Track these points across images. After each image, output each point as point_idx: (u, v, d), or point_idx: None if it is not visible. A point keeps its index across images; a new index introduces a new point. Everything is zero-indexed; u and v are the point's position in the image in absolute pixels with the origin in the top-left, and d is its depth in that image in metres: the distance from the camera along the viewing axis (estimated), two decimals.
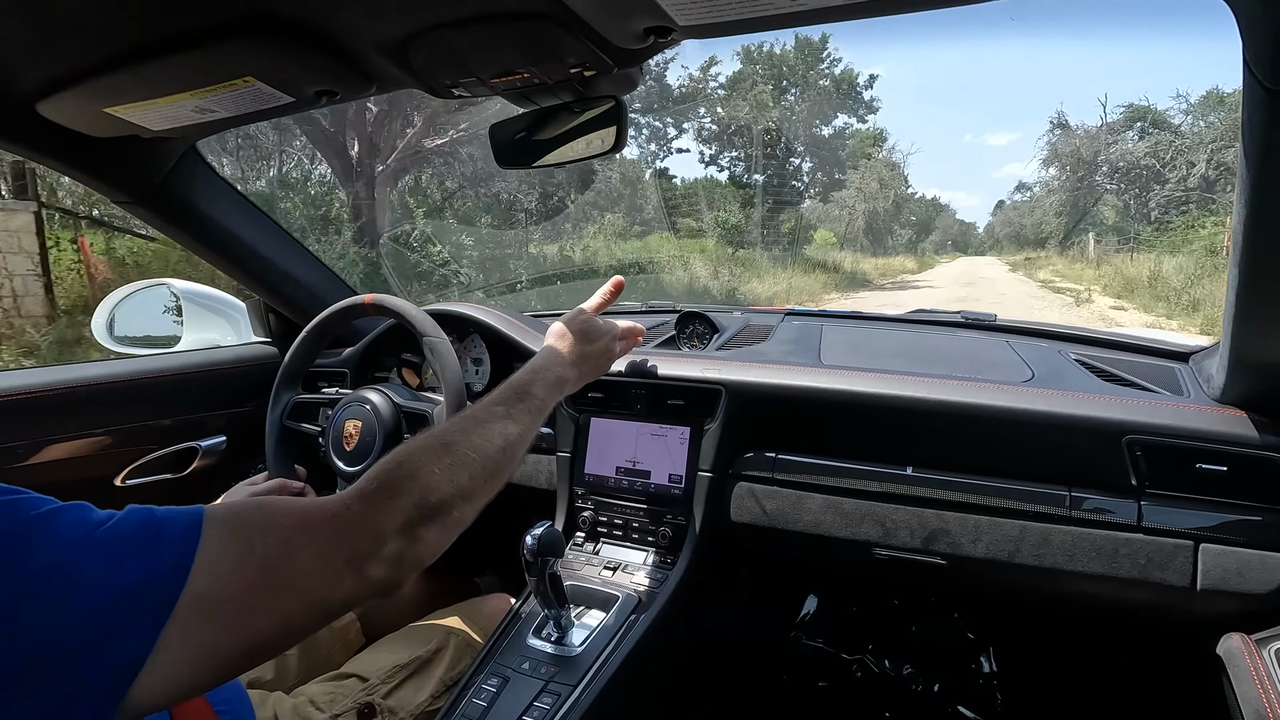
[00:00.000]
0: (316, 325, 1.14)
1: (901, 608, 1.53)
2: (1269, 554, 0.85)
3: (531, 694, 0.85)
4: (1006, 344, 1.26)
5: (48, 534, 0.42)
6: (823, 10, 0.62)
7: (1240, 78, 0.57)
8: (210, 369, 1.41)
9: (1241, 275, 0.71)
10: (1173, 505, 0.90)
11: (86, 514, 0.45)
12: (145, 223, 1.22)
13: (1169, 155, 18.06)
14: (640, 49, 0.71)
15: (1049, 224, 28.37)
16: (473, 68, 0.76)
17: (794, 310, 1.55)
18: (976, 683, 1.46)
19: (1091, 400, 0.94)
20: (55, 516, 0.43)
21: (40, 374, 1.20)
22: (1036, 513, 0.94)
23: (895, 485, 1.01)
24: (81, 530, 0.43)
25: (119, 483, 1.27)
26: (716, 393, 1.09)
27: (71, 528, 0.43)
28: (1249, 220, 0.65)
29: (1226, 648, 0.84)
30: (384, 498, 0.56)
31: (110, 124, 0.90)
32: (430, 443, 0.64)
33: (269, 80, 0.78)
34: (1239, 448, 0.86)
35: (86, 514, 0.45)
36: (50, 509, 0.44)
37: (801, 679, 1.51)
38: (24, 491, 0.44)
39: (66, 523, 0.43)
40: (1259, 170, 0.61)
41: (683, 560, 1.06)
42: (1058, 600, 1.01)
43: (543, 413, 0.80)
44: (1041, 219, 29.97)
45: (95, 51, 0.75)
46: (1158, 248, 16.28)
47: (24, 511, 0.42)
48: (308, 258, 1.44)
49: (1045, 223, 29.16)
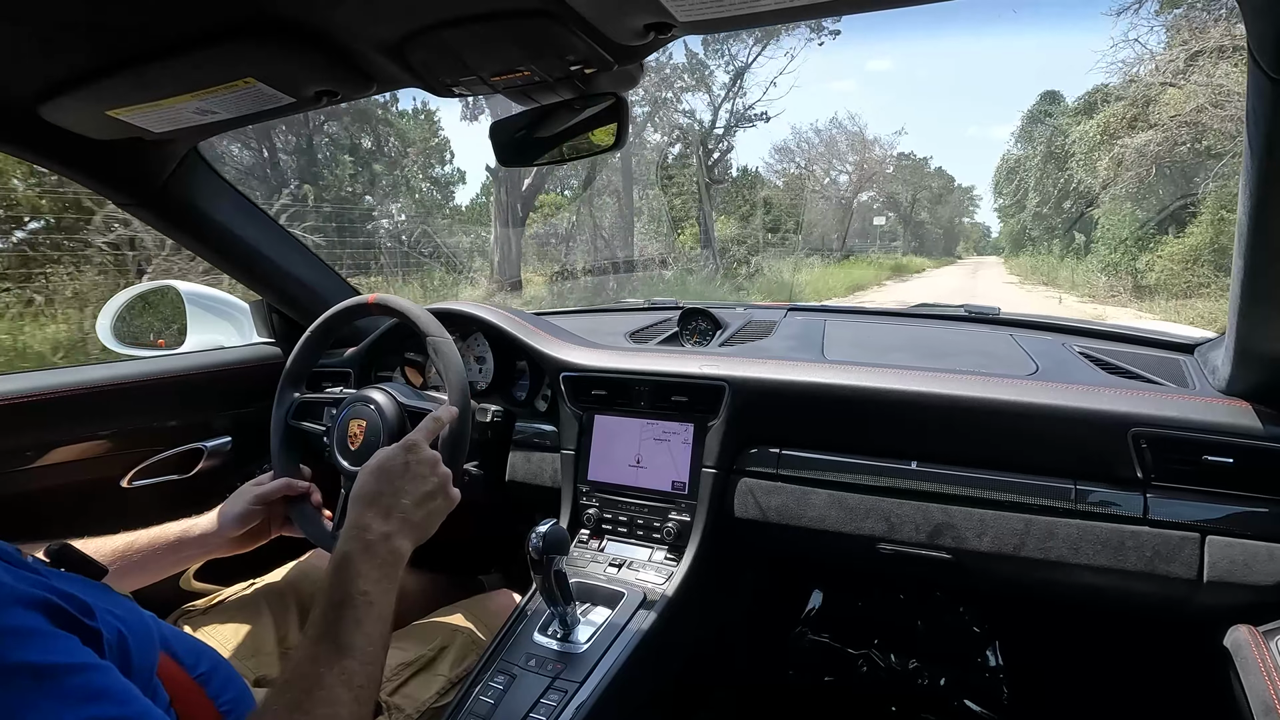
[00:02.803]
0: (321, 325, 1.14)
1: (907, 602, 1.53)
2: (1276, 545, 0.84)
3: (538, 691, 0.85)
4: (1010, 337, 1.26)
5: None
6: (819, 5, 0.62)
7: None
8: (214, 370, 1.41)
9: (1246, 266, 0.71)
10: (1179, 497, 0.89)
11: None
12: (148, 225, 1.22)
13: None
14: (640, 45, 0.71)
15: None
16: (473, 66, 0.76)
17: (797, 306, 1.55)
18: (983, 676, 1.46)
19: (1096, 393, 0.94)
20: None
21: (47, 376, 1.21)
22: (1042, 506, 0.94)
23: (900, 480, 1.01)
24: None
25: (125, 484, 1.27)
26: (720, 389, 1.09)
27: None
28: (1254, 211, 0.65)
29: (1233, 639, 0.84)
30: None
31: (112, 126, 0.90)
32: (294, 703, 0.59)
33: (269, 81, 0.78)
34: (1245, 439, 0.86)
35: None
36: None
37: (807, 674, 1.51)
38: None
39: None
40: (1263, 160, 0.60)
41: (688, 557, 1.06)
42: (1064, 593, 1.01)
43: (384, 595, 0.69)
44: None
45: (97, 54, 0.75)
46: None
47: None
48: (310, 258, 1.44)
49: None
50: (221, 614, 1.03)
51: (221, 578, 1.21)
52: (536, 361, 1.25)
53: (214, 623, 1.01)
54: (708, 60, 14.22)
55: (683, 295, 7.50)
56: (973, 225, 62.05)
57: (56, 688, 0.44)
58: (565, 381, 1.20)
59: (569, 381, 1.19)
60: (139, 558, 0.92)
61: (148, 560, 0.92)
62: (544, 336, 1.26)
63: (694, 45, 14.47)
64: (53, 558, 0.62)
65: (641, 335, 1.43)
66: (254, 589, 1.10)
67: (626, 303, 1.87)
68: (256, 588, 1.11)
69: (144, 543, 0.93)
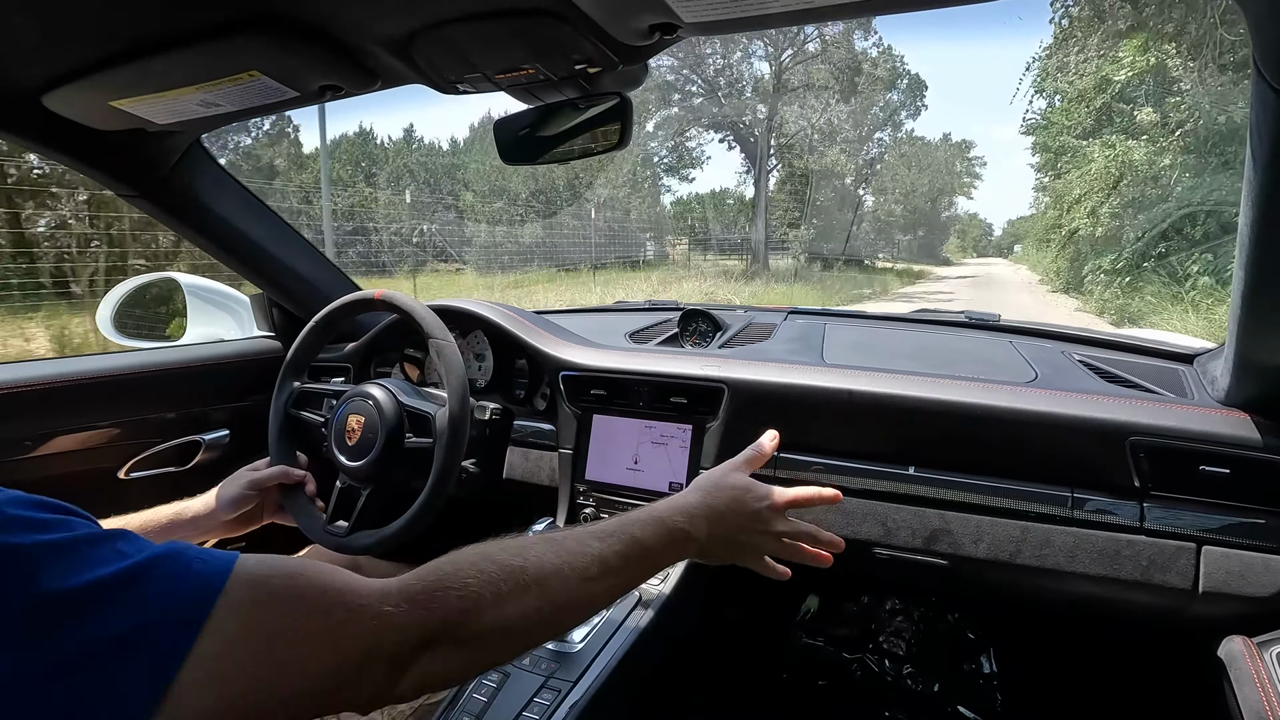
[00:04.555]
0: (325, 316, 1.14)
1: (902, 607, 1.53)
2: (1271, 556, 0.85)
3: (531, 690, 0.85)
4: (1010, 344, 1.26)
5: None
6: (827, 8, 0.62)
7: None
8: (214, 363, 1.41)
9: (1248, 277, 0.71)
10: (1175, 507, 0.89)
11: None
12: (150, 216, 1.22)
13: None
14: (645, 46, 0.71)
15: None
16: (478, 63, 0.76)
17: (797, 309, 1.55)
18: (976, 683, 1.45)
19: (1095, 401, 0.94)
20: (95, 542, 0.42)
21: (46, 366, 1.21)
22: (1038, 513, 0.94)
23: (897, 485, 1.01)
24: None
25: (123, 475, 1.27)
26: (719, 391, 1.09)
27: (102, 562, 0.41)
28: (1256, 222, 0.65)
29: (1228, 650, 0.84)
30: (422, 602, 0.51)
31: (115, 117, 0.90)
32: (493, 556, 0.57)
33: (274, 75, 0.78)
34: (1242, 450, 0.86)
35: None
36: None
37: (801, 678, 1.51)
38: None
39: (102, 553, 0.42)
40: (1266, 173, 0.60)
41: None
42: (1059, 601, 1.01)
43: (644, 563, 0.67)
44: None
45: (101, 45, 0.75)
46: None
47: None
48: (312, 252, 1.44)
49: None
50: None
51: None
52: (536, 360, 1.25)
53: None
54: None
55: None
56: (970, 218, 51.55)
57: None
58: (564, 380, 1.20)
59: (568, 381, 1.19)
60: None
61: None
62: (544, 335, 1.26)
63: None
64: None
65: (641, 336, 1.43)
66: None
67: (627, 303, 1.87)
68: None
69: (136, 525, 0.92)
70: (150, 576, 0.41)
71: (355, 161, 21.70)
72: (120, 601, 0.40)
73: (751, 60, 18.56)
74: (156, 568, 0.42)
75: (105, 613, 0.39)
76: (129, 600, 0.40)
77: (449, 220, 16.53)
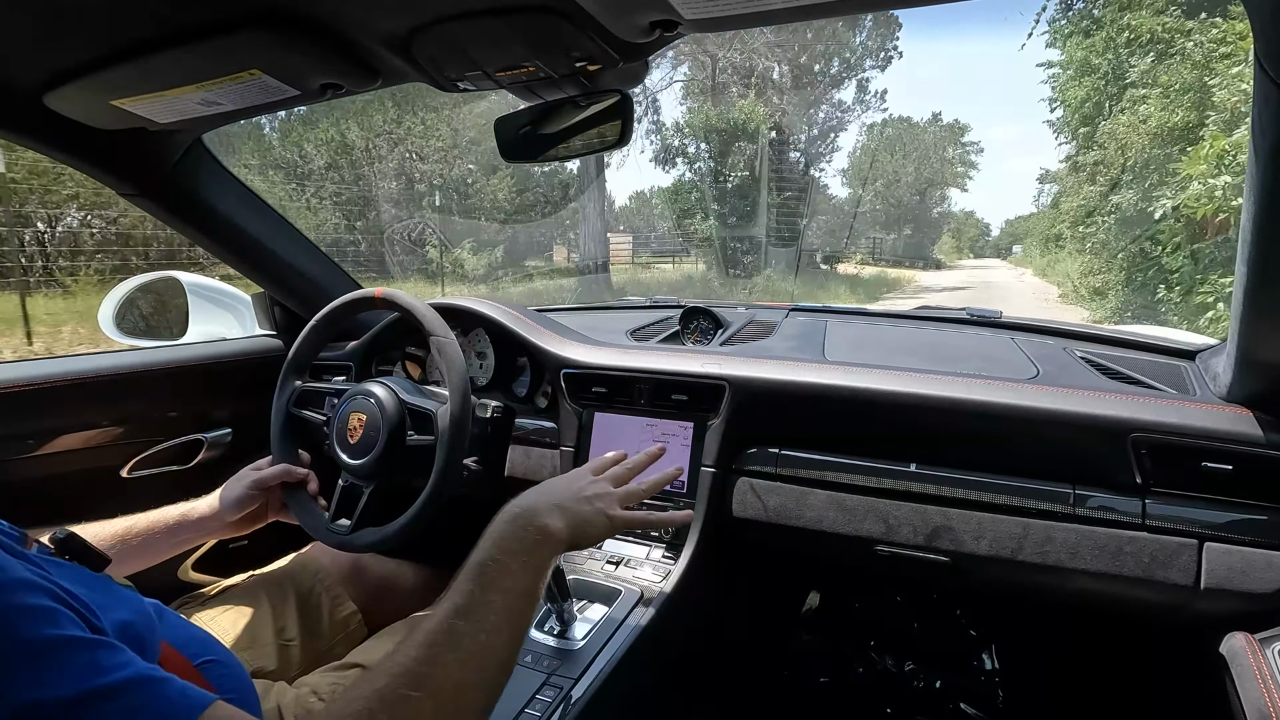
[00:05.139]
0: (326, 315, 1.14)
1: (904, 604, 1.53)
2: (1273, 553, 0.85)
3: (534, 686, 0.85)
4: (1012, 341, 1.25)
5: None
6: (826, 4, 0.62)
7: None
8: (215, 361, 1.41)
9: (1250, 273, 0.71)
10: (1177, 504, 0.89)
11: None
12: (151, 215, 1.22)
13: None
14: (646, 43, 0.71)
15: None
16: (478, 61, 0.76)
17: (798, 306, 1.55)
18: (978, 680, 1.46)
19: (1097, 398, 0.94)
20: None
21: (48, 365, 1.21)
22: (1040, 510, 0.94)
23: (898, 482, 1.01)
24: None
25: (125, 474, 1.28)
26: (720, 388, 1.09)
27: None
28: (1258, 217, 0.65)
29: (1230, 647, 0.84)
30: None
31: (117, 116, 0.90)
32: (389, 694, 0.52)
33: (275, 73, 0.78)
34: (1245, 446, 0.86)
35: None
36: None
37: (803, 675, 1.51)
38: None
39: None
40: (1268, 168, 0.60)
41: (685, 555, 1.06)
42: (1060, 598, 1.01)
43: (524, 593, 0.63)
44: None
45: (102, 44, 0.75)
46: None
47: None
48: (313, 251, 1.45)
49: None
50: (220, 605, 1.04)
51: (220, 569, 1.22)
52: (537, 358, 1.25)
53: (212, 614, 1.01)
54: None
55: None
56: (966, 216, 46.70)
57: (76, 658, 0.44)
58: (566, 378, 1.20)
59: (569, 378, 1.20)
60: (137, 541, 0.92)
61: (146, 543, 0.93)
62: (545, 333, 1.26)
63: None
64: (58, 545, 0.62)
65: (643, 333, 1.43)
66: (253, 580, 1.11)
67: (628, 300, 1.88)
68: (255, 579, 1.11)
69: (142, 526, 0.93)
70: (124, 703, 0.43)
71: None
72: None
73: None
74: (133, 694, 0.43)
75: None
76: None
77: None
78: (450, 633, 0.57)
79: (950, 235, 44.00)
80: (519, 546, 0.65)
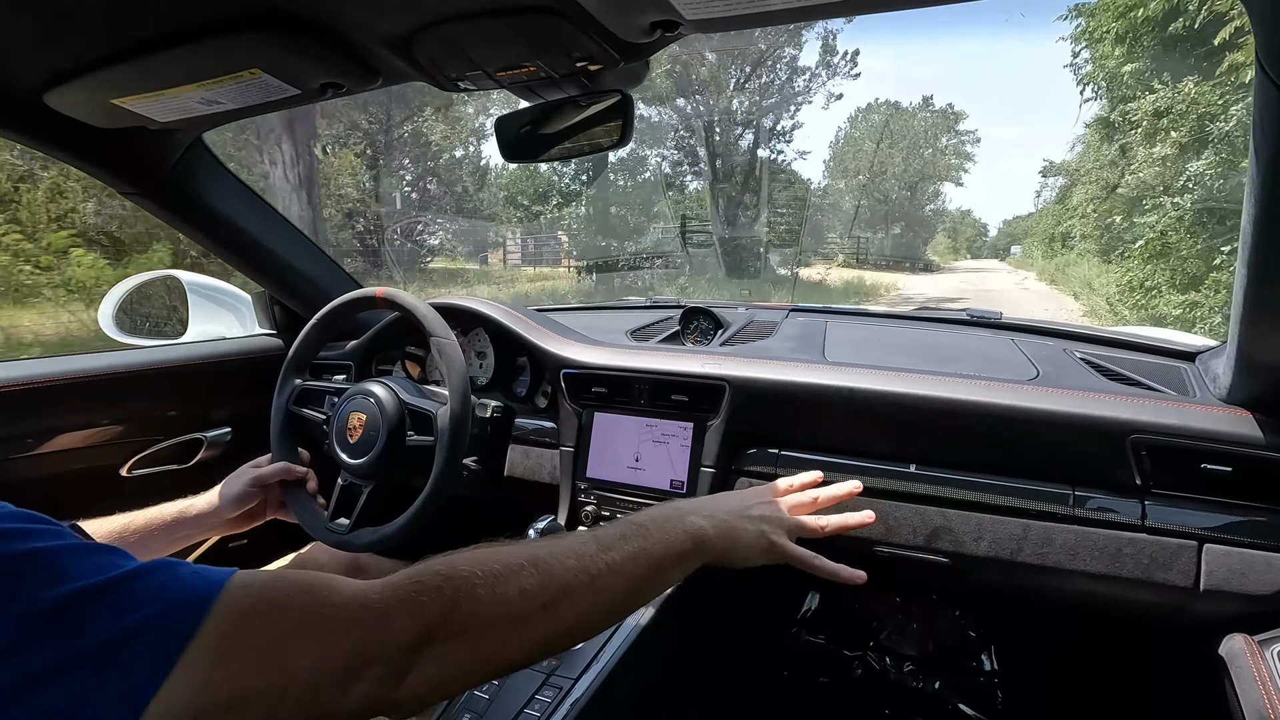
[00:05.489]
0: (327, 314, 1.14)
1: (903, 605, 1.53)
2: (1273, 555, 0.85)
3: (533, 687, 0.85)
4: (1012, 342, 1.25)
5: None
6: (828, 5, 0.62)
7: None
8: (215, 361, 1.41)
9: (1250, 274, 0.71)
10: (1177, 505, 0.89)
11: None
12: (151, 214, 1.22)
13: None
14: (646, 43, 0.71)
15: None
16: (479, 61, 0.76)
17: (798, 306, 1.55)
18: (977, 681, 1.46)
19: (1096, 399, 0.94)
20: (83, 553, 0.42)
21: (47, 364, 1.21)
22: (1040, 511, 0.94)
23: (898, 482, 1.01)
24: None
25: (125, 473, 1.27)
26: (720, 388, 1.09)
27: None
28: (1258, 219, 0.65)
29: (1229, 648, 0.84)
30: (410, 593, 0.49)
31: (117, 115, 0.90)
32: (481, 547, 0.56)
33: (275, 73, 0.78)
34: (1245, 448, 0.86)
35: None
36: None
37: (802, 675, 1.51)
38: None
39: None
40: (1269, 170, 0.60)
41: None
42: (1060, 599, 1.01)
43: (647, 542, 0.64)
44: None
45: (102, 43, 0.75)
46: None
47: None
48: (313, 250, 1.45)
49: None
50: None
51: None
52: (537, 358, 1.25)
53: None
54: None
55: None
56: (962, 215, 44.87)
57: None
58: (565, 378, 1.20)
59: (569, 378, 1.19)
60: (135, 538, 0.92)
61: (145, 540, 0.93)
62: (545, 333, 1.26)
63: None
64: None
65: (643, 333, 1.43)
66: None
67: (628, 300, 1.88)
68: None
69: (141, 523, 0.93)
70: (144, 584, 0.42)
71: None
72: (115, 602, 0.40)
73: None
74: (152, 575, 0.43)
75: (100, 614, 0.39)
76: (123, 602, 0.40)
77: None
78: (581, 544, 0.60)
79: (945, 235, 42.10)
80: (667, 528, 0.67)
